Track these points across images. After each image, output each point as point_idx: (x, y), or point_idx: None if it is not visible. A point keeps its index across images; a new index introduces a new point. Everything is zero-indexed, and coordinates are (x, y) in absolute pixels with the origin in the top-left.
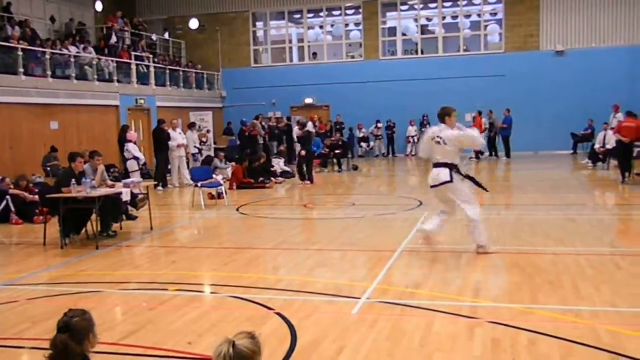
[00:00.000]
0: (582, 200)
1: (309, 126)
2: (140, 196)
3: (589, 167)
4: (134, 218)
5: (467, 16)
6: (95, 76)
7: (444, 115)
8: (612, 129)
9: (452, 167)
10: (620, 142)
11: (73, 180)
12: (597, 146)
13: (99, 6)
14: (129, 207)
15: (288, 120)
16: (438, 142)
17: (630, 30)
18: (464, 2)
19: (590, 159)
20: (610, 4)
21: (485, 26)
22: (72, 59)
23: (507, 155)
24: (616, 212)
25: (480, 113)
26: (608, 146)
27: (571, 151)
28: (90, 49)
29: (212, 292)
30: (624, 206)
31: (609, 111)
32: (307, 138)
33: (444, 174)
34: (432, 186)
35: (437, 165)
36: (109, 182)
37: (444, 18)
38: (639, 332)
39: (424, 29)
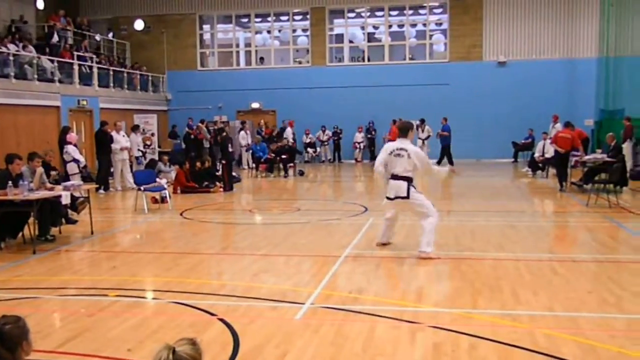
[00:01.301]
0: (522, 207)
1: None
2: (80, 199)
3: (529, 175)
4: (74, 222)
5: (413, 25)
6: (36, 76)
7: (407, 129)
8: (550, 138)
9: (410, 181)
10: (557, 151)
11: (10, 182)
12: (536, 155)
13: (40, 4)
14: (69, 211)
15: (225, 125)
16: (399, 155)
17: (569, 44)
18: (410, 12)
19: (530, 167)
20: (550, 19)
21: (431, 36)
22: (11, 58)
23: (450, 162)
24: (554, 220)
25: (395, 121)
26: (547, 155)
27: (512, 159)
28: (31, 47)
29: (153, 298)
30: (562, 214)
31: (549, 121)
32: (225, 144)
33: (402, 188)
34: (390, 198)
35: (396, 178)
36: (48, 185)
37: (390, 27)
38: (574, 336)
39: (370, 37)
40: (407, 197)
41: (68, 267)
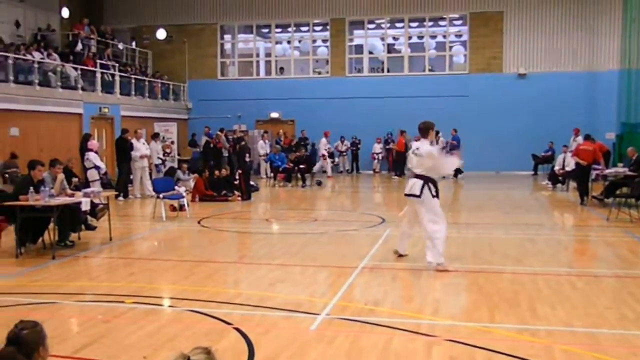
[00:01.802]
0: (541, 220)
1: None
2: (100, 206)
3: (548, 188)
4: (93, 228)
5: (433, 37)
6: (59, 83)
7: (427, 129)
8: (571, 151)
9: (427, 181)
10: (578, 165)
11: (31, 188)
12: (556, 168)
13: (65, 13)
14: (89, 217)
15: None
16: (415, 154)
17: (590, 56)
18: (430, 23)
19: (550, 180)
20: (571, 31)
21: (451, 47)
22: (36, 65)
23: (456, 175)
24: (574, 234)
25: (402, 132)
26: (567, 168)
27: (532, 172)
28: (55, 55)
29: (170, 306)
30: (582, 227)
31: (569, 134)
32: (243, 153)
33: (417, 186)
34: (406, 194)
35: (415, 176)
36: (69, 191)
37: (410, 38)
38: (592, 352)
39: (390, 48)
40: (419, 196)
41: (86, 273)
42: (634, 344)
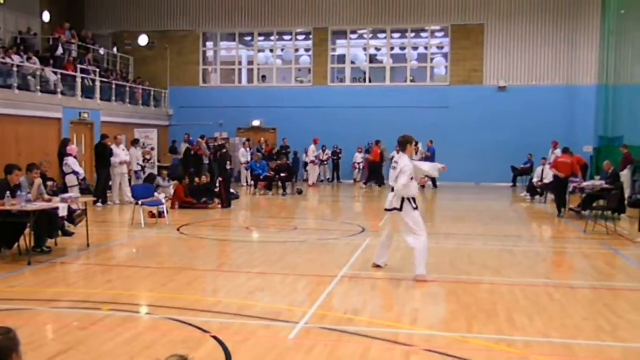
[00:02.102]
0: (520, 232)
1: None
2: (78, 212)
3: (527, 200)
4: (70, 234)
5: (415, 48)
6: (39, 87)
7: (405, 143)
8: (550, 164)
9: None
10: (556, 177)
11: (8, 193)
12: (535, 180)
13: (46, 17)
14: (66, 223)
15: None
16: (394, 168)
17: (569, 70)
18: (412, 35)
19: (528, 192)
20: (551, 45)
21: (432, 59)
22: (15, 69)
23: (435, 185)
24: (551, 245)
25: (377, 142)
26: (546, 181)
27: (511, 184)
28: (35, 59)
29: (147, 313)
30: (559, 239)
31: (548, 146)
32: (224, 161)
33: (397, 200)
34: (385, 209)
35: (394, 190)
36: (46, 197)
37: (392, 49)
38: None
39: (372, 58)
40: (400, 209)
41: (63, 279)
42: (609, 355)
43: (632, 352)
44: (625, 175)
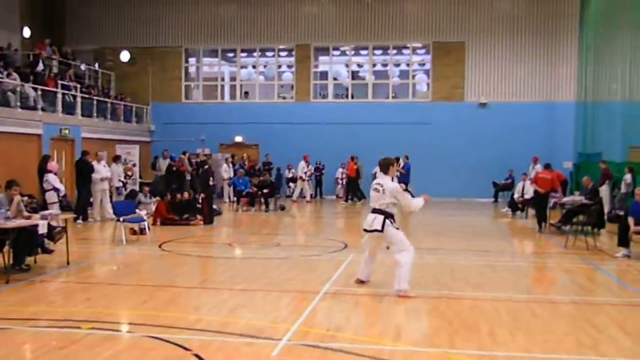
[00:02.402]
0: (501, 247)
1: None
2: (57, 229)
3: (508, 215)
4: (49, 252)
5: (397, 65)
6: (18, 103)
7: (387, 165)
8: (530, 179)
9: (387, 216)
10: (537, 192)
11: None
12: (516, 196)
13: (26, 32)
14: (46, 240)
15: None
16: (376, 190)
17: (548, 87)
18: (394, 52)
19: (509, 207)
20: (531, 62)
21: (414, 75)
22: None
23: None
24: (533, 260)
25: (352, 158)
26: (527, 196)
27: (492, 199)
28: (15, 75)
29: (128, 331)
30: (540, 255)
31: (529, 162)
32: (206, 176)
33: (377, 221)
34: (365, 230)
35: (374, 211)
36: (25, 214)
37: (374, 65)
38: None
39: (354, 75)
40: (381, 230)
41: (42, 297)
42: None
43: None
44: (604, 190)
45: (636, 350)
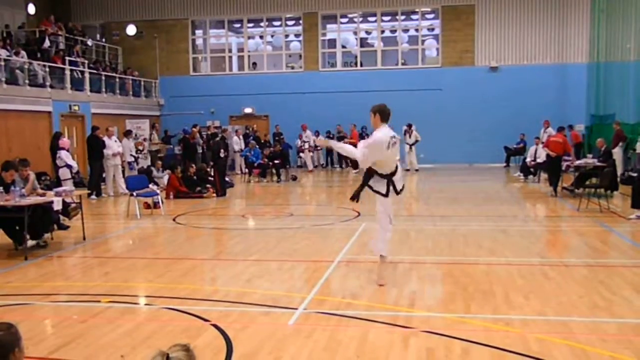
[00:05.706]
0: (514, 212)
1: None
2: (72, 205)
3: (520, 180)
4: (65, 228)
5: (406, 31)
6: (27, 81)
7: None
8: (542, 143)
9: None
10: (549, 156)
11: (1, 188)
12: (528, 160)
13: (31, 9)
14: (61, 217)
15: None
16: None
17: (560, 49)
18: (403, 17)
19: (522, 172)
20: (542, 24)
21: (423, 41)
22: (2, 63)
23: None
24: (546, 224)
25: (355, 125)
26: (539, 160)
27: (504, 164)
28: (23, 52)
29: (146, 304)
30: (553, 218)
31: (541, 126)
32: (217, 149)
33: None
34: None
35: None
36: (40, 191)
37: (382, 32)
38: (566, 340)
39: (363, 42)
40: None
41: (60, 273)
42: (604, 330)
43: (626, 327)
44: (617, 152)
45: None
